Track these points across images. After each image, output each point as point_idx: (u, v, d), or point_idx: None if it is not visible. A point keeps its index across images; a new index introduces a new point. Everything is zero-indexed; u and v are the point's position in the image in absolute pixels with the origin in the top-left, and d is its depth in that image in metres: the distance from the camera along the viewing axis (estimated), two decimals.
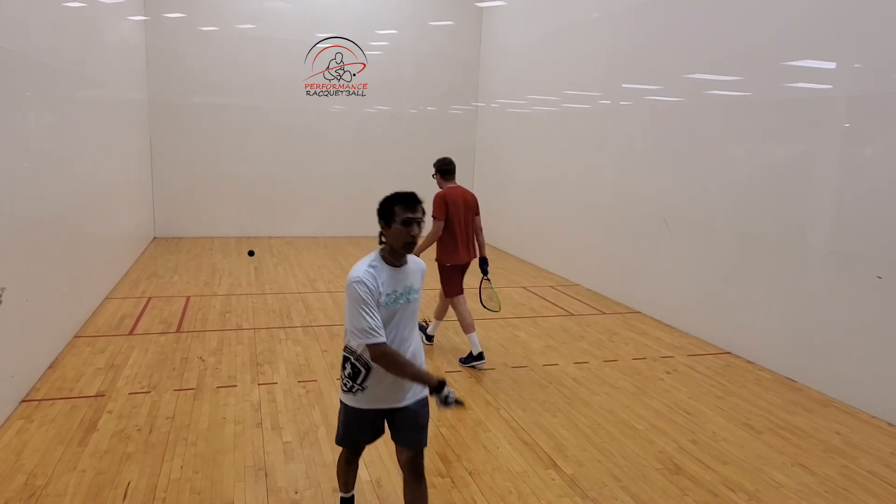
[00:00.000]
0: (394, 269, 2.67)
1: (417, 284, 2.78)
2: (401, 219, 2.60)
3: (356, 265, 2.65)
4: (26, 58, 4.85)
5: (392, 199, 2.65)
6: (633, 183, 7.75)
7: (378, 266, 2.64)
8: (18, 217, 4.53)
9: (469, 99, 12.79)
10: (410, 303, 2.72)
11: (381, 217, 2.67)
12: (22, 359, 4.58)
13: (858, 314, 4.96)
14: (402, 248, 2.63)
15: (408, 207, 2.62)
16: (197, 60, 11.13)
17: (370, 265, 2.63)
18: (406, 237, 2.61)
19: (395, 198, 2.65)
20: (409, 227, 2.61)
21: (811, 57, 5.36)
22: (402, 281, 2.68)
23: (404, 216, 2.61)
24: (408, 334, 2.76)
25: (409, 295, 2.70)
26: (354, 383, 2.74)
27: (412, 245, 2.63)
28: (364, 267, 2.62)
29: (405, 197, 2.65)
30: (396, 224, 2.60)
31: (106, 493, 3.38)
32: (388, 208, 2.64)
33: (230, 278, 8.45)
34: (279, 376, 5.13)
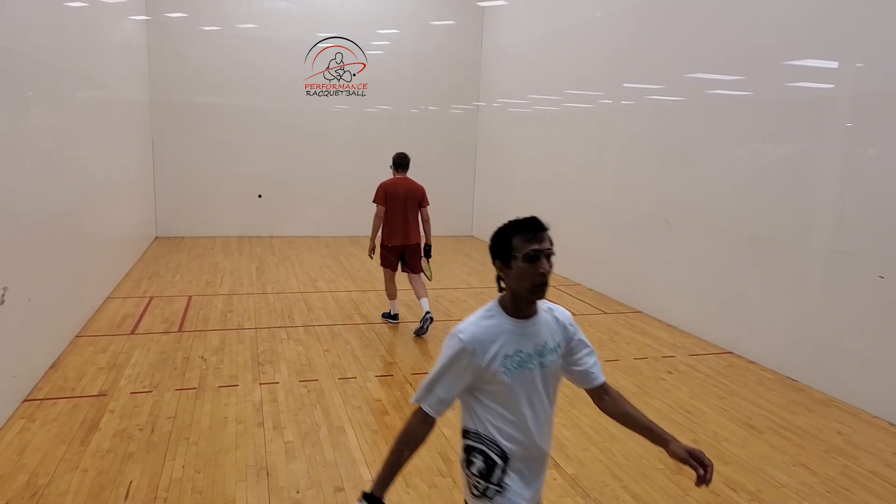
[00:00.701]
0: (519, 323, 1.96)
1: (556, 341, 2.03)
2: (523, 253, 1.90)
3: (471, 316, 2.01)
4: (28, 58, 4.86)
5: (508, 231, 1.97)
6: (635, 182, 7.74)
7: (496, 319, 1.96)
8: (20, 217, 4.54)
9: (470, 98, 12.79)
10: (545, 367, 1.98)
11: (497, 256, 1.98)
12: (24, 358, 4.59)
13: (860, 314, 4.95)
14: (530, 292, 1.92)
15: (531, 237, 1.93)
16: (198, 60, 11.14)
17: (486, 317, 1.97)
18: (534, 277, 1.90)
19: (512, 227, 1.96)
20: (535, 262, 1.89)
21: (813, 56, 5.35)
22: (531, 337, 1.97)
23: (527, 249, 1.90)
24: (544, 419, 2.00)
25: (542, 357, 1.98)
26: (489, 483, 1.95)
27: (543, 288, 1.92)
28: (476, 319, 1.97)
29: (525, 225, 1.95)
30: (518, 261, 1.90)
31: (108, 493, 3.39)
32: (503, 242, 1.96)
33: (232, 278, 8.46)
34: (281, 376, 5.13)
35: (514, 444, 1.94)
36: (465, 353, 1.89)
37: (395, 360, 5.61)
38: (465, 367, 1.90)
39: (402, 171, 6.58)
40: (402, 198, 6.35)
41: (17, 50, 4.60)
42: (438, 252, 11.06)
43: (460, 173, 12.98)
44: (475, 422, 1.97)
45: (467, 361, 1.90)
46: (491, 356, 1.90)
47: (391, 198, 6.32)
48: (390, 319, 6.73)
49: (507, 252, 1.94)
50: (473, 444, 1.98)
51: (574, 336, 2.10)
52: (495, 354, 1.90)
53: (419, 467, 3.78)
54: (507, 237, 1.96)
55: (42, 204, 5.06)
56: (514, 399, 1.94)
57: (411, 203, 6.41)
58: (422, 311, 6.32)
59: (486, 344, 1.91)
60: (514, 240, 1.94)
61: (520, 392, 1.94)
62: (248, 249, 10.55)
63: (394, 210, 6.33)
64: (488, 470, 1.95)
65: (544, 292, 1.94)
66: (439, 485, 3.61)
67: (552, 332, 2.04)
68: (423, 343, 6.11)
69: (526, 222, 1.96)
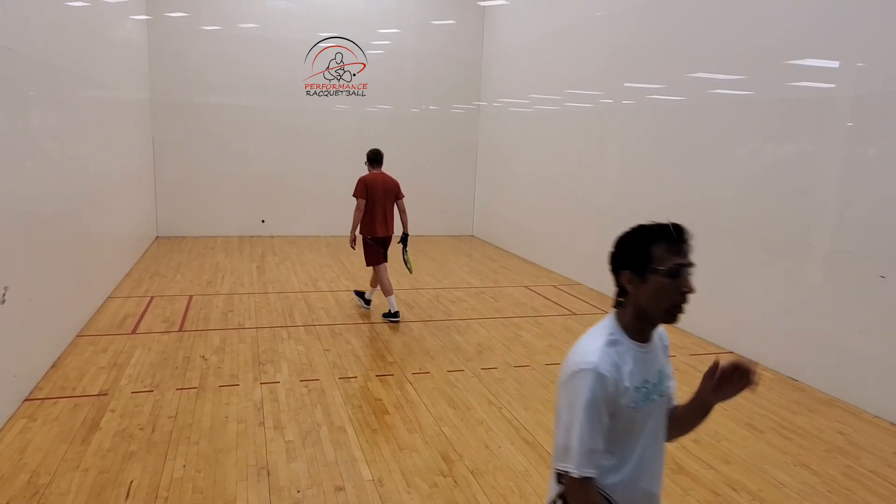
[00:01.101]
0: (642, 348, 1.70)
1: (669, 367, 1.81)
2: (667, 267, 1.61)
3: (584, 340, 1.69)
4: (29, 57, 4.86)
5: (646, 236, 1.65)
6: (636, 182, 7.74)
7: (622, 344, 1.67)
8: (21, 216, 4.54)
9: (471, 98, 12.78)
10: (663, 397, 1.74)
11: (627, 265, 1.69)
12: (25, 358, 4.59)
13: (862, 313, 4.94)
14: (666, 314, 1.65)
15: (677, 248, 1.64)
16: (199, 60, 11.14)
17: (610, 341, 1.66)
18: (675, 297, 1.63)
19: (653, 233, 1.65)
20: (679, 278, 1.63)
21: (814, 56, 5.34)
22: (652, 364, 1.72)
23: (672, 263, 1.62)
24: (658, 452, 1.74)
25: (661, 385, 1.73)
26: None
27: (681, 311, 1.67)
28: (600, 344, 1.65)
29: (671, 232, 1.65)
30: (659, 276, 1.61)
31: (109, 492, 3.39)
32: (640, 250, 1.65)
33: (232, 277, 8.46)
34: (281, 375, 5.13)
35: (621, 489, 1.65)
36: (606, 385, 1.58)
37: (396, 360, 5.61)
38: (605, 403, 1.58)
39: (377, 166, 6.89)
40: (382, 191, 6.68)
41: (18, 49, 4.60)
42: (439, 252, 11.07)
43: (461, 173, 12.98)
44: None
45: (606, 395, 1.58)
46: (623, 389, 1.60)
47: (372, 191, 6.62)
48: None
49: (643, 262, 1.63)
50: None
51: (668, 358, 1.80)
52: (627, 387, 1.61)
53: (420, 467, 3.78)
54: (645, 244, 1.64)
55: (43, 203, 5.06)
56: (633, 436, 1.66)
57: (389, 196, 6.76)
58: (391, 308, 6.71)
59: (619, 374, 1.60)
60: (654, 248, 1.63)
61: (641, 428, 1.67)
62: (249, 249, 10.55)
63: (374, 203, 6.64)
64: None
65: (679, 317, 1.65)
66: (440, 484, 3.61)
67: (663, 355, 1.79)
68: (424, 342, 6.11)
69: (672, 229, 1.64)
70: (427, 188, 12.68)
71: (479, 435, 4.24)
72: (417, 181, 12.93)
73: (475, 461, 3.89)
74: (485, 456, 3.96)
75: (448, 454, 3.96)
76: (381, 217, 6.71)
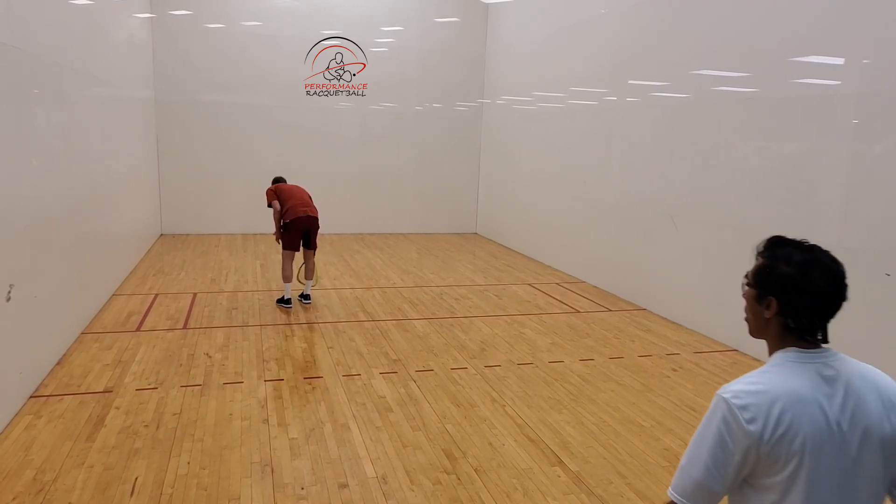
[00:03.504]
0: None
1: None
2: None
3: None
4: (33, 55, 4.87)
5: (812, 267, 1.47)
6: (640, 180, 7.72)
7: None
8: (26, 214, 4.56)
9: (475, 96, 12.77)
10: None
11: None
12: (30, 355, 4.61)
13: (866, 311, 4.92)
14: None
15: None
16: (203, 58, 11.15)
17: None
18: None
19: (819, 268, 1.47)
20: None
21: (819, 53, 5.32)
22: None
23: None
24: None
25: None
26: None
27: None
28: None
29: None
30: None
31: (114, 489, 3.40)
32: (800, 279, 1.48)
33: (236, 275, 8.48)
34: (285, 373, 5.15)
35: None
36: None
37: (400, 358, 5.62)
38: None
39: (283, 181, 7.47)
40: (290, 188, 7.20)
41: (22, 48, 4.61)
42: (443, 249, 11.07)
43: (465, 171, 12.97)
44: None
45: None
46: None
47: (281, 191, 7.10)
48: (285, 305, 7.03)
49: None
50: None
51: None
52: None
53: (424, 465, 3.79)
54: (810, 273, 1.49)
55: (47, 202, 5.08)
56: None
57: (302, 191, 7.21)
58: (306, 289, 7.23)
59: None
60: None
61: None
62: (253, 247, 10.57)
63: (289, 195, 7.05)
64: None
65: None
66: (444, 482, 3.61)
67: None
68: (426, 340, 6.11)
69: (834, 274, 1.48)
70: (431, 186, 12.69)
71: (483, 432, 4.25)
72: (421, 179, 12.97)
73: (479, 458, 3.89)
74: (488, 453, 3.96)
75: (451, 451, 3.96)
76: (298, 202, 7.11)
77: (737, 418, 1.38)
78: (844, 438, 1.39)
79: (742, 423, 1.38)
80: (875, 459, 1.41)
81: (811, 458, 1.37)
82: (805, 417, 1.38)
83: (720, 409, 1.42)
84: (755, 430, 1.37)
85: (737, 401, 1.40)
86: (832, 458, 1.38)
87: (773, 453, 1.38)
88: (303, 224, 6.95)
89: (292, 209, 6.91)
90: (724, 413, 1.41)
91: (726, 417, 1.40)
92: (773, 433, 1.37)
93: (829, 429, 1.39)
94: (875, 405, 1.42)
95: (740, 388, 1.43)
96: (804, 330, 1.48)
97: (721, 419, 1.41)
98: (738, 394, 1.41)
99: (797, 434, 1.37)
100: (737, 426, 1.38)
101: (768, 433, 1.37)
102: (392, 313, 6.98)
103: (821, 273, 1.45)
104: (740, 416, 1.38)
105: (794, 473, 1.38)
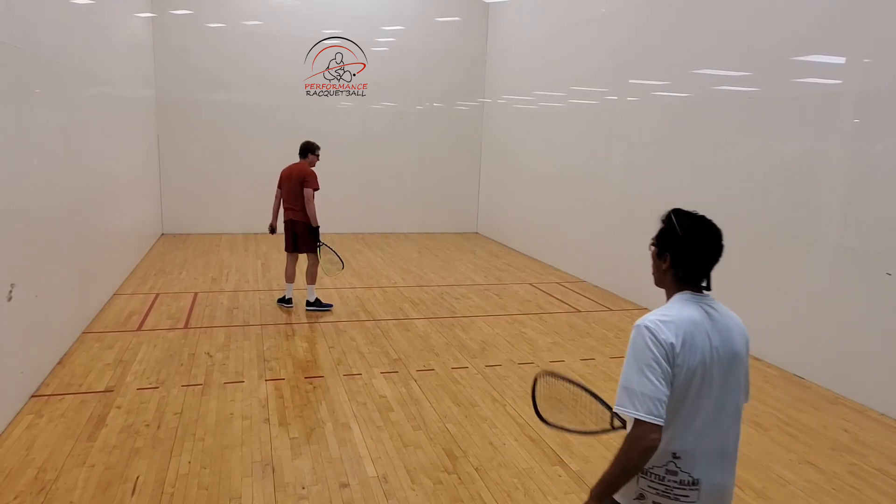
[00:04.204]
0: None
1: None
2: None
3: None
4: (34, 55, 4.88)
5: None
6: (641, 179, 7.72)
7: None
8: (27, 214, 4.56)
9: (475, 95, 12.77)
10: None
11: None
12: (31, 354, 4.61)
13: (867, 311, 4.92)
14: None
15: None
16: (204, 58, 11.15)
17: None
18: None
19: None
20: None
21: (820, 52, 5.31)
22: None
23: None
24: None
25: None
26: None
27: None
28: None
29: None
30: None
31: (115, 488, 3.41)
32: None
33: (237, 275, 8.48)
34: (286, 372, 5.15)
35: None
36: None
37: (401, 357, 5.62)
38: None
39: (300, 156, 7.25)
40: (284, 175, 7.07)
41: (23, 47, 4.62)
42: (443, 249, 11.08)
43: (465, 170, 12.97)
44: None
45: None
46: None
47: (280, 179, 7.06)
48: (285, 303, 7.00)
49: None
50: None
51: None
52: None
53: (424, 464, 3.79)
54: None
55: (48, 201, 5.08)
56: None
57: (291, 181, 6.95)
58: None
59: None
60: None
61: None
62: (254, 246, 10.57)
63: (280, 186, 7.02)
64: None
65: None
66: (444, 481, 3.62)
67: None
68: (427, 339, 6.11)
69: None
70: (431, 185, 12.69)
71: (484, 432, 4.25)
72: (422, 178, 12.96)
73: (479, 458, 3.89)
74: (489, 453, 3.97)
75: (452, 451, 3.96)
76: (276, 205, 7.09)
77: (658, 336, 1.81)
78: (721, 358, 1.88)
79: (662, 338, 1.81)
80: (738, 375, 1.94)
81: (702, 369, 1.84)
82: (699, 338, 1.85)
83: (644, 335, 1.83)
84: (672, 342, 1.81)
85: (655, 325, 1.83)
86: (714, 370, 1.86)
87: (680, 363, 1.81)
88: (287, 226, 6.95)
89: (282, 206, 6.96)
90: (647, 336, 1.82)
91: (650, 338, 1.82)
92: (682, 345, 1.81)
93: (712, 349, 1.86)
94: (739, 338, 1.93)
95: (655, 317, 1.86)
96: (691, 278, 1.95)
97: (646, 341, 1.82)
98: (654, 321, 1.84)
99: (696, 348, 1.83)
100: (660, 341, 1.81)
101: (679, 345, 1.81)
102: (393, 313, 6.98)
103: (702, 235, 1.94)
104: (660, 335, 1.81)
105: (689, 379, 1.83)
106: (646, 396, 1.77)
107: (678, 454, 1.86)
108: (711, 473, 1.88)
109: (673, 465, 1.86)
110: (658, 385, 1.77)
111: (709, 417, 1.87)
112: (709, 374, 1.85)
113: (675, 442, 1.86)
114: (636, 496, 1.92)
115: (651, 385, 1.77)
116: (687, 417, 1.85)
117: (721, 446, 1.90)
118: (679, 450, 1.86)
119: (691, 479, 1.86)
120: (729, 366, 1.89)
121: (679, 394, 1.83)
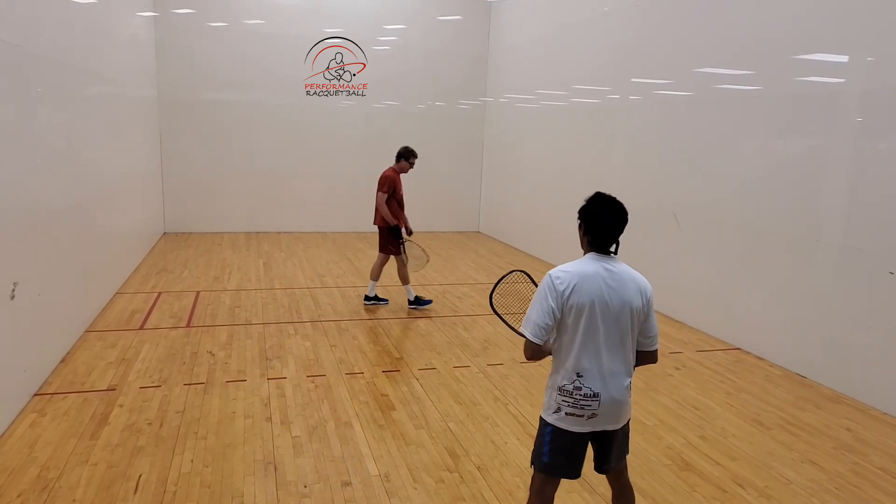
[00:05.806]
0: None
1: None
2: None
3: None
4: (36, 54, 4.88)
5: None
6: (643, 178, 7.71)
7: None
8: (30, 213, 4.57)
9: (477, 94, 12.76)
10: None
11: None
12: (34, 353, 4.62)
13: (870, 310, 4.92)
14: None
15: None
16: (206, 57, 11.16)
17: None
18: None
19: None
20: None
21: (823, 50, 5.30)
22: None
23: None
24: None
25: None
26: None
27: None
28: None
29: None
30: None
31: (118, 486, 3.42)
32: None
33: (239, 273, 8.49)
34: (288, 371, 5.15)
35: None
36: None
37: (403, 356, 5.62)
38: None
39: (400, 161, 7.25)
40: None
41: (26, 46, 4.62)
42: (445, 248, 11.08)
43: (467, 169, 12.97)
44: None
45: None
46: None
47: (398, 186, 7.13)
48: (376, 301, 7.19)
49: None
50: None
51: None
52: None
53: (426, 463, 3.79)
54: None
55: (51, 200, 5.09)
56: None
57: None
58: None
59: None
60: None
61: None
62: (256, 245, 10.59)
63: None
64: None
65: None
66: (446, 480, 3.62)
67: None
68: (429, 338, 6.11)
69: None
70: (433, 184, 12.67)
71: (486, 431, 4.25)
72: (424, 177, 12.90)
73: (481, 457, 3.90)
74: (491, 451, 3.97)
75: (454, 450, 3.97)
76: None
77: (553, 283, 2.51)
78: (613, 304, 2.50)
79: (556, 285, 2.50)
80: (628, 320, 2.52)
81: (590, 311, 2.49)
82: (589, 286, 2.48)
83: (546, 281, 2.53)
84: (562, 288, 2.49)
85: (555, 274, 2.52)
86: (604, 313, 2.49)
87: (569, 304, 2.48)
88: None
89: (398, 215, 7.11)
90: (548, 282, 2.52)
91: (549, 284, 2.52)
92: (570, 291, 2.48)
93: (604, 297, 2.49)
94: (633, 289, 2.53)
95: (559, 269, 2.54)
96: (598, 244, 2.56)
97: (546, 285, 2.52)
98: (556, 272, 2.53)
99: (583, 294, 2.48)
100: (554, 286, 2.50)
101: (567, 291, 2.48)
102: (395, 311, 6.98)
103: (607, 210, 2.55)
104: (554, 282, 2.51)
105: (577, 318, 2.50)
106: (533, 323, 2.51)
107: (581, 373, 2.52)
108: (608, 388, 2.52)
109: (578, 381, 2.52)
110: (543, 316, 2.49)
111: (600, 345, 2.50)
112: (598, 312, 2.48)
113: (578, 364, 2.52)
114: (555, 410, 2.59)
115: (538, 316, 2.50)
116: (583, 344, 2.50)
117: (614, 368, 2.53)
118: (581, 369, 2.51)
119: (592, 392, 2.51)
120: (620, 309, 2.50)
121: (573, 325, 2.50)
